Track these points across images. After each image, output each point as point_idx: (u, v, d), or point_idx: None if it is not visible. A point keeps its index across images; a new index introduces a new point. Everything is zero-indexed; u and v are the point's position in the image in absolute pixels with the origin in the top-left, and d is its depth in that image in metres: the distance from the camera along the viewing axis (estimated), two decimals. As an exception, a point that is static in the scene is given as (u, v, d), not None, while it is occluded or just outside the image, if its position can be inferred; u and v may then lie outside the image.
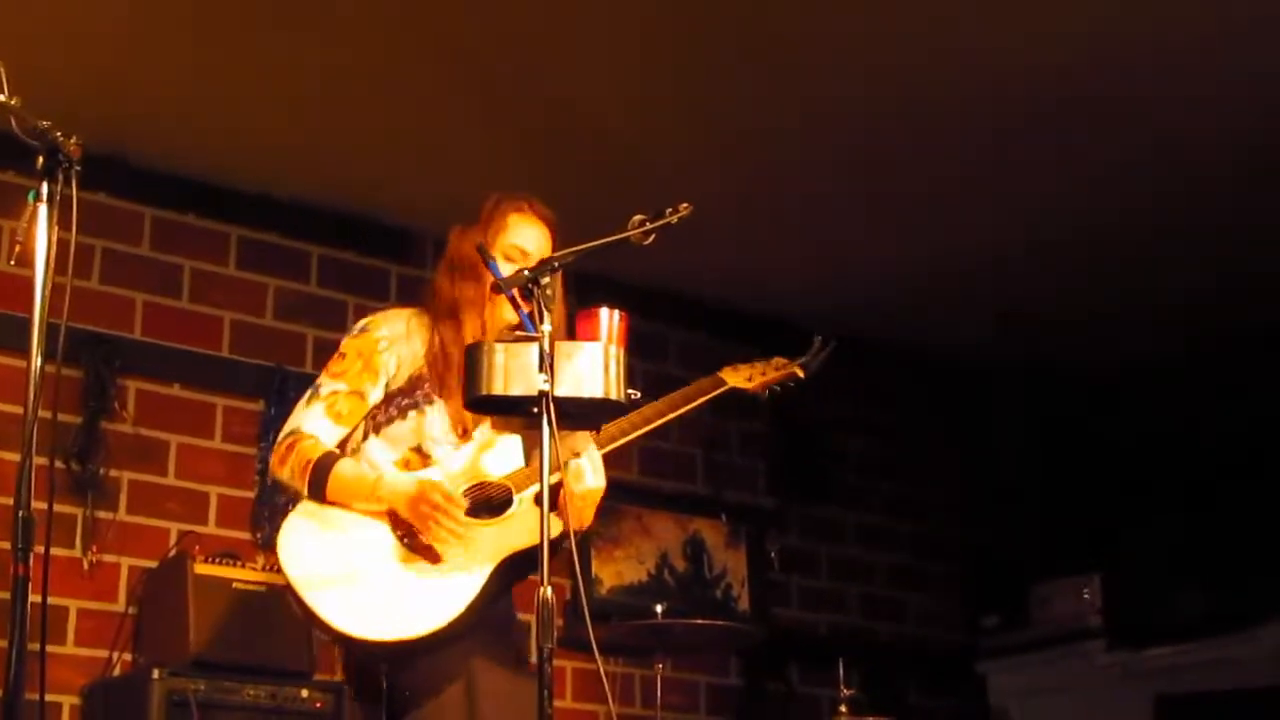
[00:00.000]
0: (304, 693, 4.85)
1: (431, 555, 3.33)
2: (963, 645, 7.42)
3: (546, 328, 2.95)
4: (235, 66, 5.18)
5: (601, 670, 2.88)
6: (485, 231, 3.63)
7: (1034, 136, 5.65)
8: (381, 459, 3.48)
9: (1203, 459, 7.12)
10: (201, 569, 4.91)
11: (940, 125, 5.58)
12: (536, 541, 3.26)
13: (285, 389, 5.82)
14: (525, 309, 3.10)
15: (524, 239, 3.64)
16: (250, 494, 5.74)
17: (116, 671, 5.12)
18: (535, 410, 2.92)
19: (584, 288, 3.68)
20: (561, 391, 2.92)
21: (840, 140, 5.70)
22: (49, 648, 2.80)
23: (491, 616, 3.40)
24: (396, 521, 3.36)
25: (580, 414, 3.03)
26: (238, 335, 5.90)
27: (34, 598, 2.62)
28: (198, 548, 5.15)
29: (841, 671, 5.62)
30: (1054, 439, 7.84)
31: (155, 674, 4.56)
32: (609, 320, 3.15)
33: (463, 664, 3.27)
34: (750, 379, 3.96)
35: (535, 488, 3.35)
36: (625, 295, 3.98)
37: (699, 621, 5.51)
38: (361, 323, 3.68)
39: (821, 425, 7.29)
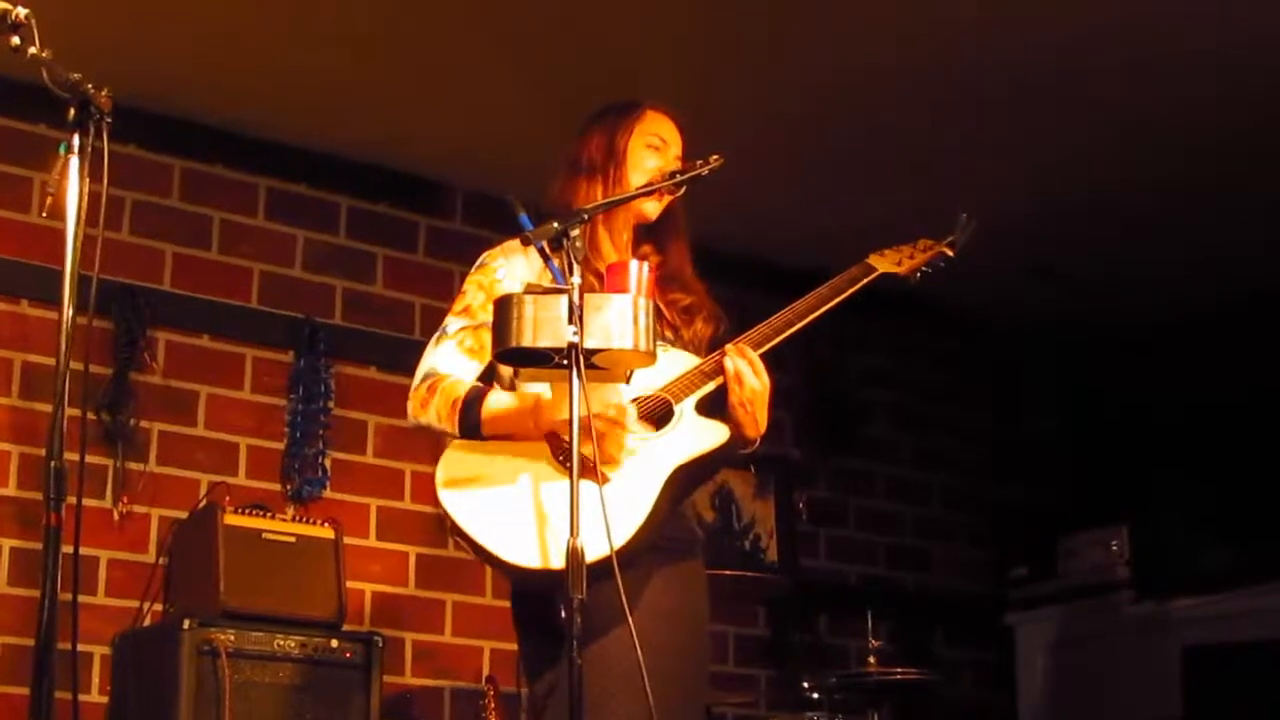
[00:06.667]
0: (334, 643, 4.87)
1: (599, 477, 3.03)
2: (991, 597, 7.42)
3: (576, 280, 2.92)
4: (264, 18, 5.17)
5: (630, 621, 2.87)
6: (618, 124, 3.58)
7: (1065, 91, 5.61)
8: (537, 387, 3.22)
9: (1233, 412, 7.09)
10: (231, 519, 4.93)
11: (970, 79, 5.54)
12: (705, 449, 3.29)
13: (315, 340, 5.86)
14: (554, 260, 3.04)
15: (662, 129, 3.59)
16: (280, 445, 5.77)
17: (147, 622, 5.14)
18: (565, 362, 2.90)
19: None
20: (591, 343, 2.90)
21: (872, 95, 5.67)
22: (80, 598, 2.81)
23: (670, 535, 3.27)
24: (556, 444, 3.16)
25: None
26: (267, 286, 5.91)
27: (66, 548, 2.63)
28: (228, 498, 5.17)
29: (870, 622, 5.63)
30: (1084, 393, 7.82)
31: (185, 624, 4.58)
32: (638, 272, 3.12)
33: (639, 591, 3.14)
34: (900, 263, 3.81)
35: (697, 395, 3.31)
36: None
37: (727, 572, 5.53)
38: (480, 259, 3.52)
39: (849, 377, 7.28)
